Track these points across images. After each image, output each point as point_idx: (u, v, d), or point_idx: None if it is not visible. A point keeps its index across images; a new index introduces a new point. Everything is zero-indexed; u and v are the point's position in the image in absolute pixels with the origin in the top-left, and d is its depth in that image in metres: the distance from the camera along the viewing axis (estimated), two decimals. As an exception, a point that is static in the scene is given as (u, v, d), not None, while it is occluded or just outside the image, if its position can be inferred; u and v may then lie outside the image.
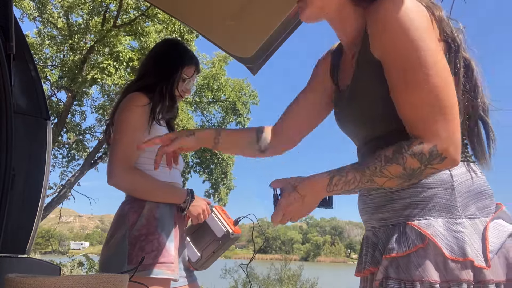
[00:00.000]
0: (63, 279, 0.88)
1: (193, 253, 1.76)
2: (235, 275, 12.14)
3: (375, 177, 0.93)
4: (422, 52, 0.89)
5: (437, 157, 0.89)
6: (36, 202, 1.90)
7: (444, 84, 0.89)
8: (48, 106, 2.04)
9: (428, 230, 0.93)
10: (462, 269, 0.90)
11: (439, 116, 0.89)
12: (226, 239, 1.72)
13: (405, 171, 0.91)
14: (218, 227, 1.73)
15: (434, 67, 0.89)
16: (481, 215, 0.97)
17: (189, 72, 1.81)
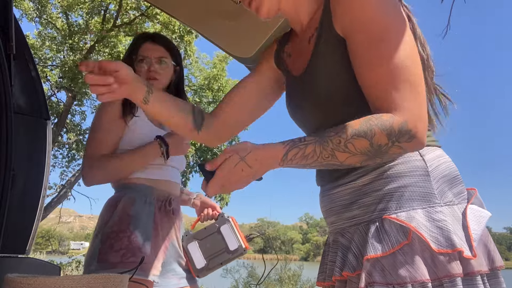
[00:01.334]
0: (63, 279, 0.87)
1: (199, 259, 1.72)
2: (236, 274, 12.15)
3: (337, 152, 0.83)
4: (390, 26, 0.85)
5: (406, 134, 0.82)
6: (36, 202, 1.90)
7: (411, 60, 0.85)
8: (48, 106, 2.04)
9: (411, 223, 0.84)
10: (452, 262, 0.82)
11: (409, 92, 0.83)
12: (237, 253, 1.70)
13: (372, 147, 0.82)
14: (232, 240, 1.70)
15: (401, 42, 0.84)
16: (458, 202, 0.90)
17: (145, 50, 1.74)
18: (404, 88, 0.83)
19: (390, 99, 0.83)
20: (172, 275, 1.68)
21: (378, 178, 0.91)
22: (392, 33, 0.85)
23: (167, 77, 1.78)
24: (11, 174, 1.72)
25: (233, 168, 0.88)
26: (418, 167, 0.90)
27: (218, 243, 1.71)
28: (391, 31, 0.85)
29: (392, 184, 0.89)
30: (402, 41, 0.85)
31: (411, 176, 0.89)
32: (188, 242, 1.73)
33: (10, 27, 1.86)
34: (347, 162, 0.85)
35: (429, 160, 0.91)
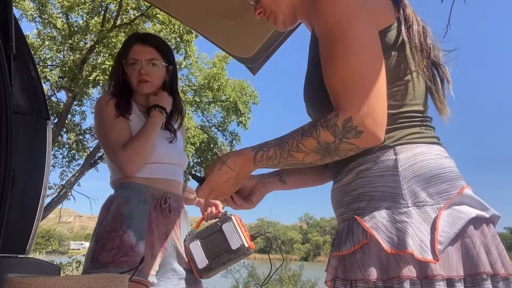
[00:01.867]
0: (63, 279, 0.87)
1: (201, 259, 1.67)
2: (237, 274, 12.14)
3: (293, 152, 0.89)
4: (347, 25, 0.86)
5: (352, 130, 0.83)
6: (36, 202, 1.90)
7: (368, 59, 0.85)
8: (48, 106, 2.04)
9: (368, 223, 0.87)
10: (403, 264, 0.81)
11: (359, 90, 0.84)
12: (240, 252, 1.62)
13: (320, 145, 0.86)
14: (234, 238, 1.63)
15: (358, 41, 0.85)
16: (434, 202, 0.87)
17: (135, 52, 1.73)
18: (353, 88, 0.84)
19: (339, 97, 0.85)
20: (172, 275, 1.67)
21: (356, 177, 0.93)
22: (351, 35, 0.85)
23: (159, 79, 1.78)
24: (11, 174, 1.72)
25: (218, 171, 0.98)
26: (389, 167, 0.89)
27: (220, 242, 1.65)
28: (351, 33, 0.86)
29: (365, 184, 0.92)
30: (359, 38, 0.85)
31: (382, 176, 0.90)
32: (190, 242, 1.69)
33: (10, 27, 1.86)
34: (307, 160, 0.89)
35: (402, 159, 0.89)
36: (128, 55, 1.74)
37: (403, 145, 0.91)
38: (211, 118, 13.46)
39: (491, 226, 0.90)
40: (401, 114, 0.94)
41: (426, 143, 0.93)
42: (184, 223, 1.78)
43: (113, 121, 1.67)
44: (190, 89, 12.63)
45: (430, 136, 0.96)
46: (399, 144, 0.91)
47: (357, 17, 0.86)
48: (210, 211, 1.86)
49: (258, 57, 2.16)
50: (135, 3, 10.42)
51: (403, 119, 0.94)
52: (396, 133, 0.92)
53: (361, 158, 0.93)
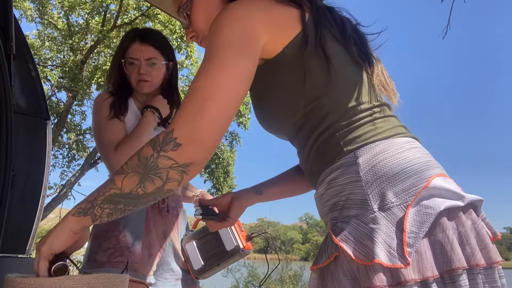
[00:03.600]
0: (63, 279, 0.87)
1: (197, 260, 1.64)
2: (237, 274, 12.14)
3: (115, 175, 0.82)
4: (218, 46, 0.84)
5: (171, 142, 0.78)
6: (36, 202, 1.90)
7: (224, 76, 0.82)
8: (48, 106, 2.04)
9: (339, 236, 0.83)
10: (373, 274, 0.78)
11: (191, 108, 0.80)
12: (235, 253, 1.58)
13: (139, 161, 0.80)
14: (229, 239, 1.59)
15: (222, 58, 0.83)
16: (401, 201, 0.82)
17: (133, 51, 1.70)
18: (189, 105, 0.81)
19: (176, 114, 0.84)
20: (169, 275, 1.66)
21: (327, 188, 0.91)
22: (223, 52, 0.84)
23: (159, 77, 1.75)
24: (11, 174, 1.72)
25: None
26: (353, 173, 0.86)
27: (215, 243, 1.62)
28: (223, 50, 0.84)
29: (335, 193, 0.89)
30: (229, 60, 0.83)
31: (347, 184, 0.87)
32: (187, 242, 1.68)
33: (10, 27, 1.86)
34: (125, 187, 0.81)
35: (363, 162, 0.86)
36: (126, 53, 1.71)
37: (362, 147, 0.87)
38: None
39: (471, 212, 0.85)
40: (349, 113, 0.91)
41: (385, 138, 0.89)
42: (183, 222, 1.77)
43: (106, 122, 1.66)
44: (190, 89, 12.63)
45: (389, 128, 0.92)
46: (358, 147, 0.88)
47: (236, 41, 0.85)
48: None
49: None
50: (136, 3, 10.43)
51: (353, 117, 0.91)
52: (351, 135, 0.89)
53: (327, 168, 0.91)
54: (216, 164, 12.86)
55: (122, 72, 1.75)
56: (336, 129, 0.90)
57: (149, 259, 1.59)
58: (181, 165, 0.80)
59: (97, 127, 1.68)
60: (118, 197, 0.83)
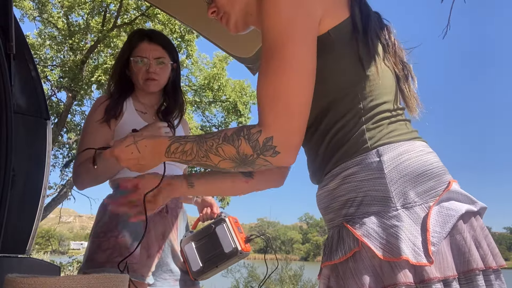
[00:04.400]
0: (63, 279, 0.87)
1: (195, 262, 1.64)
2: (237, 274, 12.15)
3: (210, 154, 0.88)
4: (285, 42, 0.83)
5: (271, 149, 0.84)
6: (36, 202, 1.90)
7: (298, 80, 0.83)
8: (48, 106, 2.04)
9: (359, 231, 0.84)
10: (398, 270, 0.78)
11: (282, 111, 0.82)
12: (233, 255, 1.59)
13: (238, 155, 0.86)
14: (227, 241, 1.59)
15: (292, 60, 0.83)
16: (423, 201, 0.84)
17: (142, 50, 1.72)
18: (277, 106, 0.83)
19: (264, 112, 0.85)
20: (168, 276, 1.66)
21: (342, 183, 0.90)
22: (286, 53, 0.83)
23: (165, 77, 1.77)
24: (11, 174, 1.72)
25: (124, 148, 0.99)
26: (375, 170, 0.86)
27: (213, 245, 1.62)
28: (286, 51, 0.83)
29: (353, 189, 0.88)
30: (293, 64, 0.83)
31: (369, 180, 0.87)
32: (185, 244, 1.67)
33: (10, 27, 1.86)
34: (221, 165, 0.89)
35: (387, 160, 0.86)
36: (134, 52, 1.72)
37: (385, 145, 0.88)
38: (211, 118, 13.46)
39: (478, 218, 0.89)
40: (376, 111, 0.91)
41: (408, 140, 0.90)
42: (182, 223, 1.77)
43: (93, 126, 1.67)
44: (190, 89, 12.63)
45: (410, 131, 0.93)
46: (381, 145, 0.88)
47: (297, 30, 0.84)
48: (205, 212, 1.83)
49: (258, 57, 2.16)
50: (135, 3, 10.43)
51: (379, 115, 0.91)
52: (374, 132, 0.89)
53: (344, 163, 0.90)
54: (216, 164, 12.84)
55: (126, 71, 1.76)
56: (363, 122, 0.90)
57: (148, 259, 1.59)
58: (275, 166, 0.88)
59: (85, 128, 1.72)
60: (212, 167, 0.92)
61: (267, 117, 0.84)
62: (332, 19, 0.90)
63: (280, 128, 0.83)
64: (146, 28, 2.02)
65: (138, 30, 1.87)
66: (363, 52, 0.91)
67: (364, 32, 0.93)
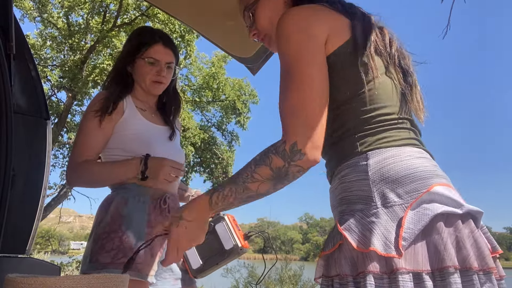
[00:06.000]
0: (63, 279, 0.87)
1: (195, 260, 1.65)
2: (237, 274, 12.14)
3: (248, 184, 0.95)
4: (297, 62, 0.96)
5: (297, 153, 0.92)
6: (36, 202, 1.90)
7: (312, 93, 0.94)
8: (48, 106, 2.04)
9: (343, 225, 0.94)
10: (369, 260, 0.88)
11: (301, 120, 0.93)
12: (233, 253, 1.60)
13: (273, 171, 0.94)
14: (227, 238, 1.61)
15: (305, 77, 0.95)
16: (403, 201, 0.92)
17: (157, 52, 1.71)
18: (296, 117, 0.94)
19: (285, 125, 0.95)
20: (168, 275, 1.67)
21: (339, 183, 1.02)
22: (299, 72, 0.96)
23: (169, 80, 1.79)
24: (11, 174, 1.72)
25: (177, 230, 1.03)
26: (362, 172, 0.97)
27: (213, 243, 1.62)
28: (299, 70, 0.96)
29: (345, 189, 1.00)
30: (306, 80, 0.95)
31: (357, 181, 0.97)
32: None
33: (10, 27, 1.86)
34: (260, 190, 0.96)
35: (372, 164, 0.96)
36: (147, 53, 1.71)
37: (374, 150, 0.98)
38: (210, 117, 13.48)
39: (470, 222, 0.92)
40: (372, 120, 1.00)
41: (398, 146, 0.98)
42: None
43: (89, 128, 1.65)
44: (189, 88, 12.64)
45: (404, 138, 1.01)
46: (371, 150, 0.98)
47: (306, 53, 0.97)
48: None
49: (258, 57, 2.16)
50: (135, 3, 10.43)
51: (374, 124, 1.00)
52: (368, 139, 0.99)
53: (340, 166, 1.02)
54: (215, 164, 12.86)
55: (128, 67, 1.75)
56: (356, 131, 1.01)
57: (151, 259, 1.59)
58: (306, 168, 0.95)
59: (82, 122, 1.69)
60: (253, 197, 0.99)
61: (289, 128, 0.94)
62: (334, 41, 1.01)
63: (300, 133, 0.93)
64: (154, 28, 2.00)
65: (147, 28, 1.85)
66: (363, 68, 1.01)
67: (364, 47, 1.02)
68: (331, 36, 1.00)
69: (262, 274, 1.78)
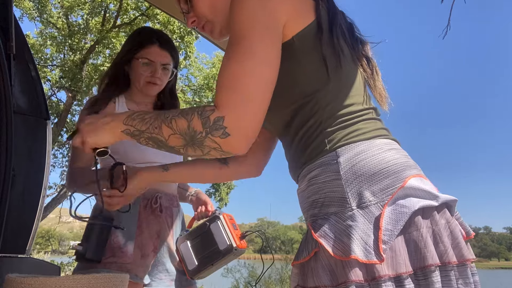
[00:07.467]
0: (63, 279, 0.87)
1: (191, 260, 1.61)
2: (237, 274, 12.14)
3: (164, 125, 0.88)
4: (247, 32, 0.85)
5: (221, 129, 0.83)
6: (36, 202, 1.89)
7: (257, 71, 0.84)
8: (48, 106, 2.04)
9: (318, 232, 0.87)
10: (349, 269, 0.81)
11: (240, 95, 0.83)
12: (228, 252, 1.56)
13: (188, 129, 0.85)
14: (222, 238, 1.57)
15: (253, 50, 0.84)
16: (378, 200, 0.85)
17: (152, 53, 1.70)
18: (234, 90, 0.83)
19: (220, 94, 0.84)
20: (164, 276, 1.66)
21: (308, 185, 0.94)
22: (247, 42, 0.85)
23: (166, 81, 1.78)
24: (11, 174, 1.72)
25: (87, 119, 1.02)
26: (333, 171, 0.89)
27: (208, 243, 1.59)
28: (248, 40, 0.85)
29: (316, 191, 0.92)
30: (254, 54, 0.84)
31: (328, 182, 0.90)
32: (181, 242, 1.65)
33: (10, 27, 1.86)
34: (170, 141, 0.88)
35: (344, 161, 0.89)
36: (142, 53, 1.71)
37: (344, 147, 0.90)
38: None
39: (445, 212, 0.88)
40: (339, 113, 0.93)
41: (367, 139, 0.91)
42: (178, 222, 1.77)
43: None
44: (190, 89, 12.63)
45: (372, 129, 0.94)
46: (340, 146, 0.90)
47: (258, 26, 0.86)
48: (200, 210, 1.81)
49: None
50: (135, 3, 10.43)
51: (342, 117, 0.92)
52: (335, 135, 0.91)
53: (308, 165, 0.94)
54: (216, 164, 12.83)
55: (125, 67, 1.75)
56: (323, 126, 0.92)
57: (142, 259, 1.58)
58: (224, 151, 0.86)
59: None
60: (162, 143, 0.90)
61: (223, 98, 0.84)
62: (296, 24, 0.91)
63: (233, 110, 0.82)
64: (154, 28, 1.98)
65: (147, 29, 1.85)
66: (327, 52, 0.93)
67: (330, 31, 0.94)
68: (292, 17, 0.91)
69: (260, 275, 1.77)
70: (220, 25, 1.04)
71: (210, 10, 1.02)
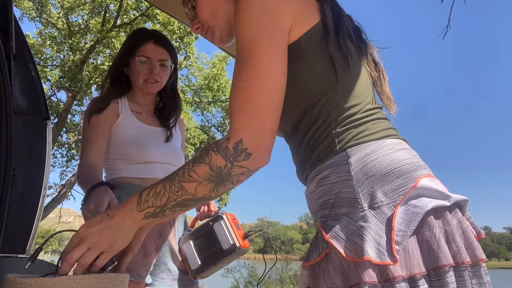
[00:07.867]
0: (63, 279, 0.87)
1: (194, 260, 1.61)
2: (237, 274, 12.14)
3: (184, 183, 0.83)
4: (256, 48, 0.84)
5: (242, 153, 0.82)
6: (36, 202, 1.90)
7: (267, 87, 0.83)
8: (48, 106, 2.04)
9: (329, 233, 0.86)
10: (363, 270, 0.80)
11: (249, 112, 0.82)
12: (232, 252, 1.56)
13: (212, 171, 0.82)
14: (225, 238, 1.57)
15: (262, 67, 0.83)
16: (390, 200, 0.84)
17: (148, 51, 1.71)
18: (250, 113, 0.83)
19: (233, 120, 0.84)
20: (166, 275, 1.66)
21: (318, 186, 0.93)
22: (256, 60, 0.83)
23: (166, 79, 1.78)
24: (11, 174, 1.72)
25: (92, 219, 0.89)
26: (344, 172, 0.88)
27: (212, 243, 1.59)
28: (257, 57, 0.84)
29: (326, 192, 0.90)
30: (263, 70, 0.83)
31: (339, 182, 0.89)
32: (184, 242, 1.65)
33: (10, 27, 1.86)
34: (199, 193, 0.84)
35: (354, 162, 0.88)
36: (138, 52, 1.71)
37: (354, 147, 0.89)
38: (210, 118, 13.46)
39: (457, 212, 0.88)
40: (348, 113, 0.92)
41: (377, 139, 0.90)
42: (180, 222, 1.77)
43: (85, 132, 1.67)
44: (190, 89, 12.63)
45: (382, 129, 0.93)
46: (350, 146, 0.89)
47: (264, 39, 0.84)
48: (202, 210, 1.81)
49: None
50: (135, 4, 10.43)
51: (351, 117, 0.92)
52: (345, 135, 0.91)
53: (318, 166, 0.92)
54: (216, 164, 12.82)
55: (124, 68, 1.75)
56: (332, 127, 0.91)
57: (144, 259, 1.58)
58: (252, 170, 0.85)
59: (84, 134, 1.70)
60: (191, 201, 0.86)
61: (236, 123, 0.83)
62: (302, 25, 0.91)
63: (249, 130, 0.82)
64: (149, 28, 2.00)
65: (142, 29, 1.87)
66: (334, 52, 0.92)
67: (336, 31, 0.94)
68: (298, 18, 0.90)
69: (263, 274, 1.77)
70: (220, 31, 1.06)
71: (211, 17, 1.05)
